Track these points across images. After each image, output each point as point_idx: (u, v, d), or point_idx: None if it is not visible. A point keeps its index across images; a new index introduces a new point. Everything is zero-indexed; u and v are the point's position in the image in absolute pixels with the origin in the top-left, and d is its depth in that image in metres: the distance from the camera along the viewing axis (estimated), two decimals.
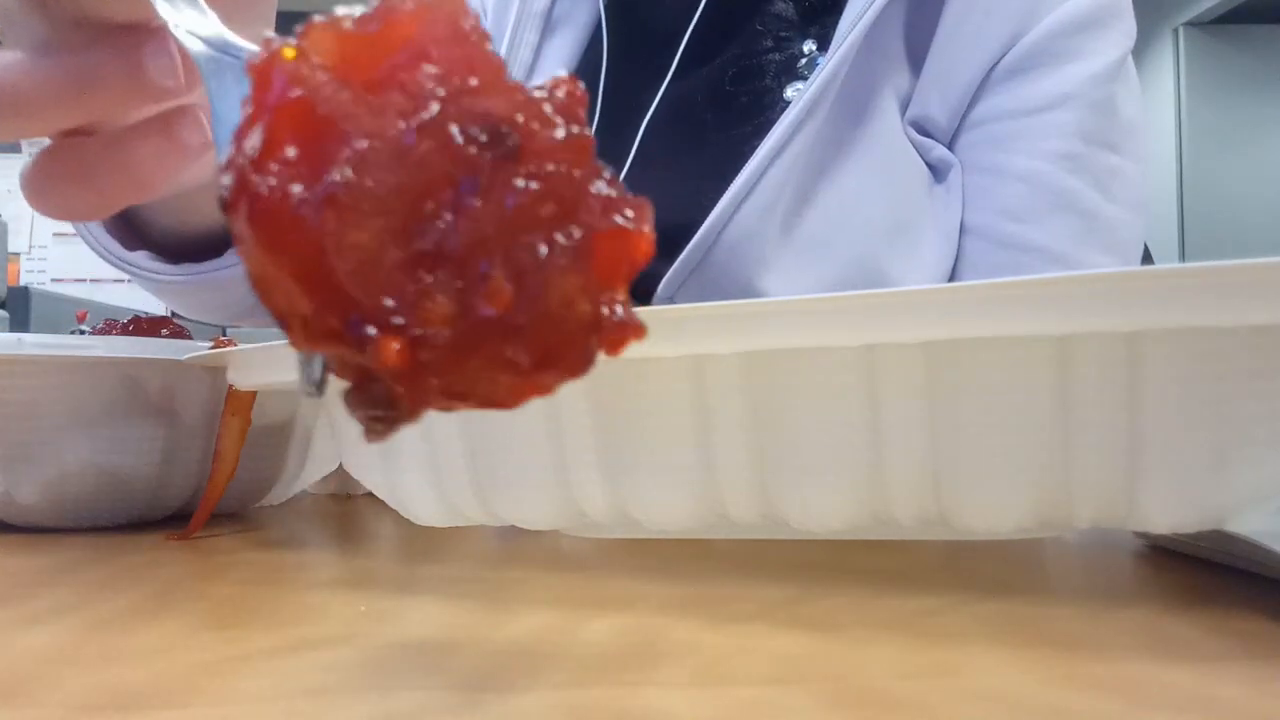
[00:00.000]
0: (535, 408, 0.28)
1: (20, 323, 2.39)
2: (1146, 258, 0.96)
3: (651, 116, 0.56)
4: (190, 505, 0.41)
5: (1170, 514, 0.24)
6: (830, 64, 0.50)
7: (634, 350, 0.25)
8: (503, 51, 0.62)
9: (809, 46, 0.56)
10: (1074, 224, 0.52)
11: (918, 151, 0.54)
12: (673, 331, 0.25)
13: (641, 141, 0.56)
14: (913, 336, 0.23)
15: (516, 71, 0.61)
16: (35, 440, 0.37)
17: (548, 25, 0.63)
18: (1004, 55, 0.53)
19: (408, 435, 0.31)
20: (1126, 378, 0.23)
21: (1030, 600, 0.24)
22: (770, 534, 0.33)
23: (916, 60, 0.55)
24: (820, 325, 0.23)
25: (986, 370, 0.24)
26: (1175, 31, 3.56)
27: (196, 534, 0.38)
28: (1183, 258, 3.46)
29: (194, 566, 0.31)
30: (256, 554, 0.33)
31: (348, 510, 0.47)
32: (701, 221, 0.50)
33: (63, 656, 0.20)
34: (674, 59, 0.56)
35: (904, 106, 0.55)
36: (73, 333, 0.40)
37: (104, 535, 0.38)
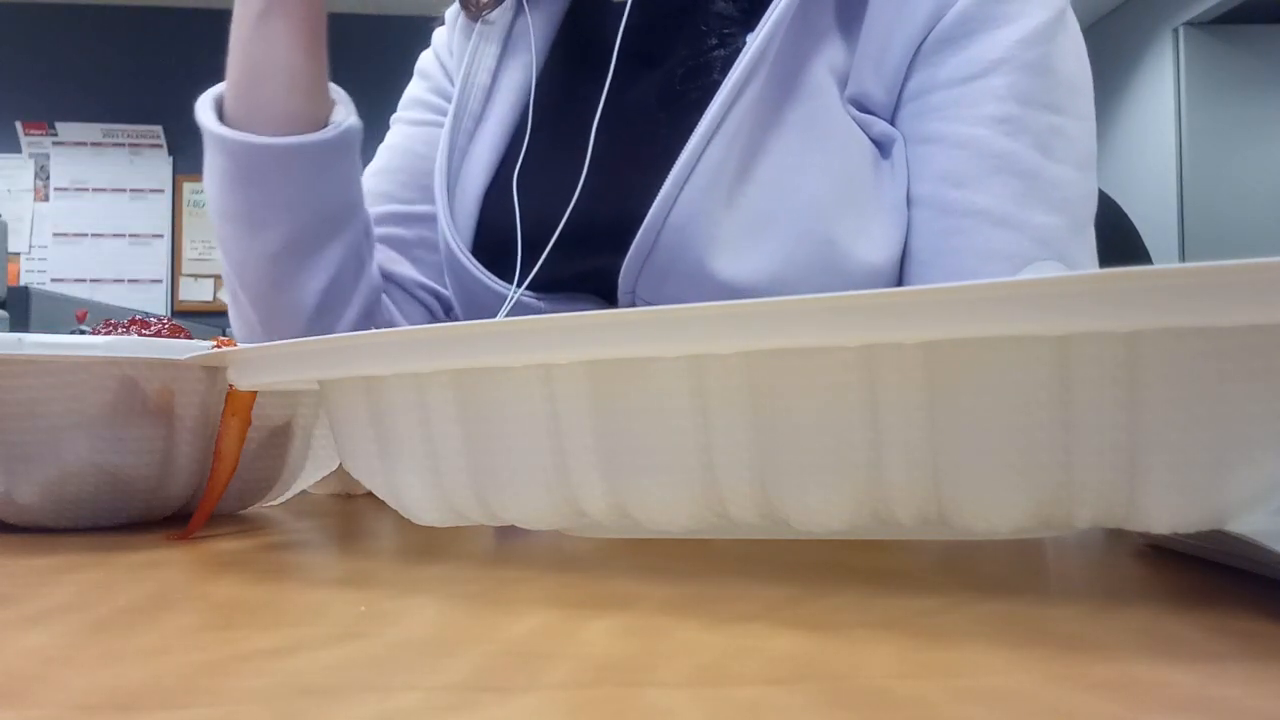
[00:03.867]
0: (535, 408, 0.28)
1: (20, 323, 2.39)
2: (1146, 258, 0.96)
3: (600, 120, 0.57)
4: (190, 505, 0.41)
5: (1170, 514, 0.24)
6: (758, 41, 0.51)
7: (635, 349, 0.25)
8: (459, 76, 0.65)
9: (751, 39, 0.57)
10: (1014, 185, 0.52)
11: (861, 128, 0.55)
12: (673, 331, 0.25)
13: (596, 146, 0.57)
14: (913, 336, 0.23)
15: (476, 93, 0.64)
16: (35, 440, 0.37)
17: (506, 47, 0.65)
18: (933, 27, 0.54)
19: (408, 435, 0.31)
20: (1126, 378, 0.23)
21: (1030, 600, 0.24)
22: (770, 534, 0.33)
23: (850, 38, 0.56)
24: (820, 325, 0.23)
25: (986, 370, 0.24)
26: (1175, 31, 3.56)
27: (196, 534, 0.38)
28: (1183, 258, 3.46)
29: (194, 566, 0.31)
30: (256, 554, 0.33)
31: (348, 510, 0.47)
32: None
33: (63, 656, 0.20)
34: (612, 61, 0.58)
35: (842, 84, 0.55)
36: (73, 333, 0.40)
37: (104, 535, 0.38)
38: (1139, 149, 3.77)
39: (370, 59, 3.80)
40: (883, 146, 0.55)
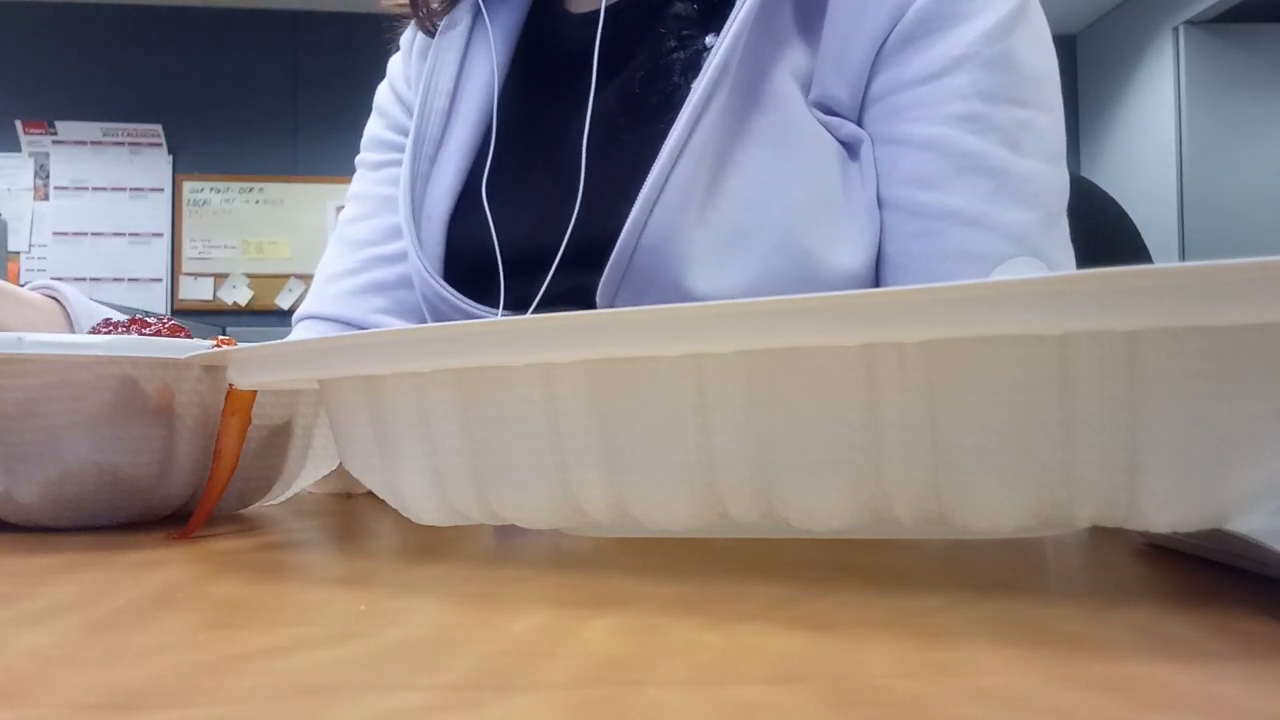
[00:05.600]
0: (535, 407, 0.28)
1: None
2: (1146, 257, 0.96)
3: (572, 137, 0.57)
4: (190, 505, 0.41)
5: (1170, 513, 0.24)
6: (720, 52, 0.51)
7: (635, 349, 0.26)
8: (416, 102, 0.64)
9: (711, 40, 0.56)
10: (983, 184, 0.51)
11: (828, 131, 0.54)
12: (673, 331, 0.25)
13: (566, 163, 0.57)
14: (913, 336, 0.23)
15: (435, 118, 0.63)
16: (35, 440, 0.37)
17: (462, 67, 0.64)
18: (894, 26, 0.53)
19: (408, 435, 0.31)
20: (1126, 378, 0.23)
21: (1030, 599, 0.24)
22: (770, 534, 0.33)
23: (811, 41, 0.55)
24: (820, 325, 0.23)
25: (986, 370, 0.24)
26: (1175, 31, 3.57)
27: (196, 533, 0.38)
28: (1183, 258, 3.46)
29: (194, 566, 0.31)
30: (256, 554, 0.33)
31: (348, 510, 0.47)
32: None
33: (63, 656, 0.20)
34: (592, 76, 0.57)
35: (805, 88, 0.55)
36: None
37: (104, 535, 0.38)
38: (1139, 148, 3.77)
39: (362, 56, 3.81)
40: (850, 148, 0.55)
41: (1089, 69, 4.10)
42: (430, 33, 0.67)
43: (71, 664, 0.19)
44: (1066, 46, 4.09)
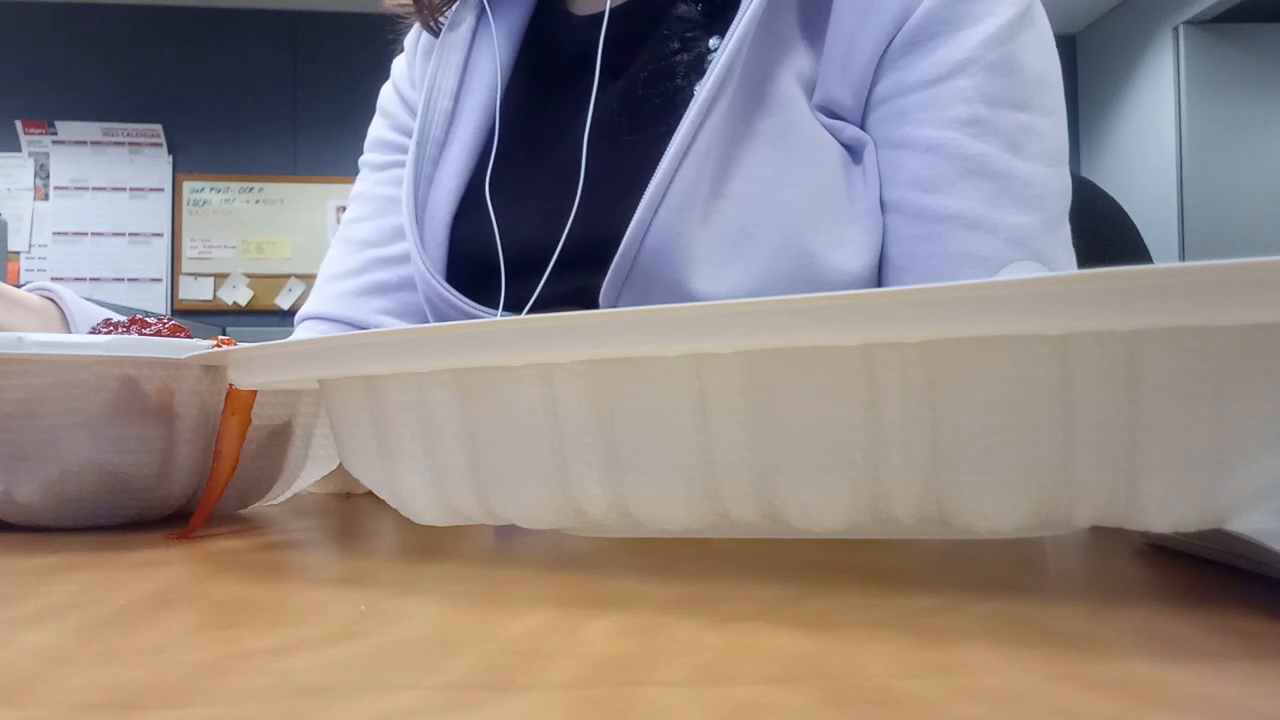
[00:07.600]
0: (535, 407, 0.28)
1: None
2: (1146, 256, 0.96)
3: (574, 138, 0.57)
4: (190, 505, 0.41)
5: (1170, 513, 0.24)
6: (725, 55, 0.51)
7: (635, 349, 0.26)
8: (420, 103, 0.64)
9: (714, 43, 0.56)
10: (986, 187, 0.52)
11: (831, 134, 0.54)
12: (673, 331, 0.25)
13: (569, 164, 0.57)
14: (913, 336, 0.23)
15: (438, 118, 0.63)
16: (35, 440, 0.37)
17: (466, 68, 0.64)
18: (898, 31, 0.54)
19: (408, 435, 0.31)
20: (1126, 378, 0.23)
21: (1030, 599, 0.24)
22: (770, 534, 0.33)
23: (815, 45, 0.55)
24: (820, 325, 0.23)
25: (986, 370, 0.24)
26: (1175, 30, 3.57)
27: (196, 533, 0.38)
28: (1183, 257, 3.46)
29: (194, 566, 0.31)
30: (256, 554, 0.33)
31: (348, 510, 0.47)
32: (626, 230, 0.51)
33: (63, 656, 0.20)
34: (595, 77, 0.57)
35: (809, 91, 0.55)
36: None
37: (104, 535, 0.38)
38: (1139, 148, 3.77)
39: (359, 56, 3.80)
40: (854, 151, 0.55)
41: (1089, 69, 4.10)
42: (434, 32, 0.67)
43: (71, 664, 0.19)
44: (1066, 46, 4.09)
